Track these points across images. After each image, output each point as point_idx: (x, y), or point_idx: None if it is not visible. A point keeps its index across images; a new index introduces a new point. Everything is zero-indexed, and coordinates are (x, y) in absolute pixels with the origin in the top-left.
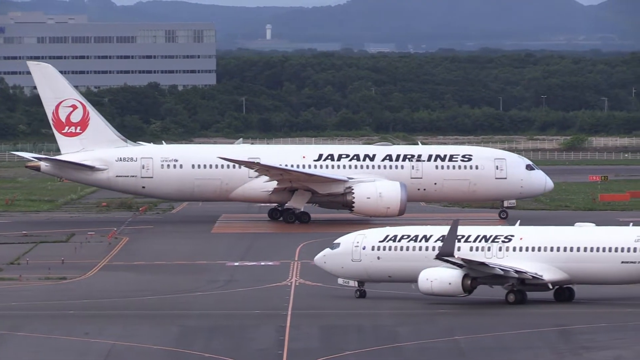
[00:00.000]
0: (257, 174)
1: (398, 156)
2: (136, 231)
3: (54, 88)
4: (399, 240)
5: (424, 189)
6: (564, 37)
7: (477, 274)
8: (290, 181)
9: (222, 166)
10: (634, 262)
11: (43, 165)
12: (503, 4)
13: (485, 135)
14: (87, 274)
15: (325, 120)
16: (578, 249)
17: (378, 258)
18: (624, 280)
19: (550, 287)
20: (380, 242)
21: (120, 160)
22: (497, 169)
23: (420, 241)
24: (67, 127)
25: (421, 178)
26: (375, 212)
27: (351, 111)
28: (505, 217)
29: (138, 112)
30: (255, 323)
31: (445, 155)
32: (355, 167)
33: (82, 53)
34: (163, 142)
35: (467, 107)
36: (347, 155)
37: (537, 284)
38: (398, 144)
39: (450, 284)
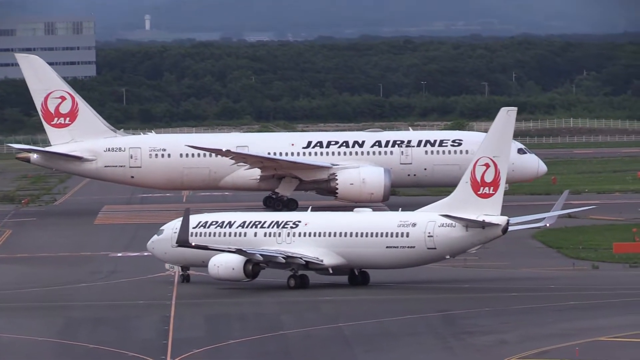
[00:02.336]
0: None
1: (387, 142)
2: (19, 224)
3: (42, 79)
4: (208, 227)
5: (414, 175)
6: (443, 22)
7: (269, 258)
8: (274, 168)
9: (211, 155)
10: (397, 247)
11: (33, 156)
12: None
13: (366, 122)
14: None
15: (205, 110)
16: (351, 234)
17: None
18: (391, 264)
19: (331, 271)
20: (193, 228)
21: (109, 150)
22: None
23: (225, 227)
24: (56, 119)
25: (411, 164)
26: (359, 198)
27: (231, 100)
28: None
29: (19, 105)
30: (140, 313)
31: (435, 141)
32: (345, 153)
33: None
34: (152, 131)
35: (347, 94)
36: (336, 142)
37: (318, 268)
38: (279, 132)
39: (233, 269)
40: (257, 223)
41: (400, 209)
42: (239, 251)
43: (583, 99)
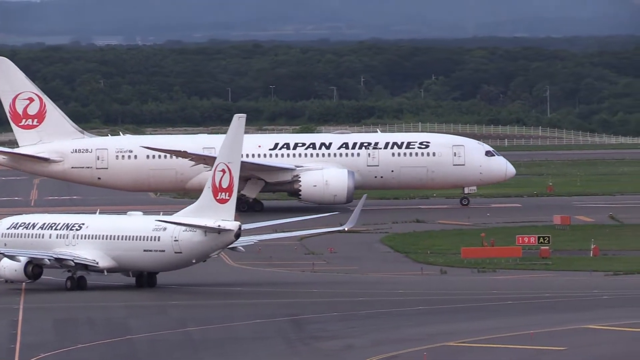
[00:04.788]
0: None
1: (354, 144)
2: None
3: (11, 81)
4: (17, 228)
5: (381, 177)
6: (291, 26)
7: (37, 260)
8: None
9: (177, 157)
10: (151, 251)
11: (0, 158)
12: None
13: (214, 126)
14: None
15: None
16: (117, 238)
17: (5, 245)
18: (151, 268)
19: (105, 273)
20: (7, 229)
21: (76, 151)
22: (455, 155)
23: (29, 229)
24: (24, 120)
25: (377, 166)
26: (322, 199)
27: (80, 104)
28: (467, 204)
29: None
30: None
31: (402, 143)
32: (312, 155)
33: None
34: (120, 132)
35: (196, 98)
36: (303, 144)
37: (95, 270)
38: (127, 135)
39: (16, 270)
40: (52, 225)
41: (161, 212)
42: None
43: (431, 104)
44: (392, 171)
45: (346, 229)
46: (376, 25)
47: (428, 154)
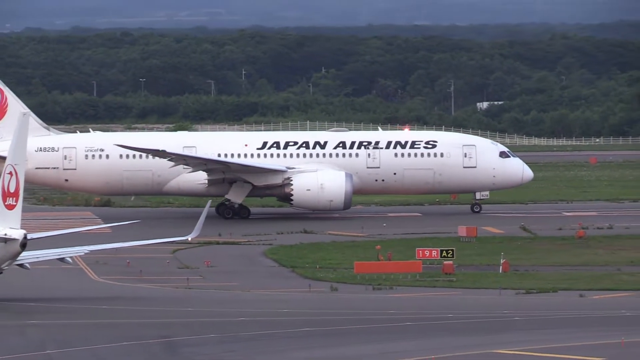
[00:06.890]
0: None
1: (353, 143)
2: None
3: None
4: None
5: (383, 180)
6: (164, 12)
7: None
8: (223, 172)
9: (154, 156)
10: None
11: None
12: None
13: (77, 124)
14: None
15: None
16: None
17: None
18: None
19: None
20: None
21: (41, 150)
22: (465, 156)
23: None
24: None
25: (379, 167)
26: (317, 205)
27: None
28: (479, 211)
29: None
30: None
31: (406, 142)
32: (304, 155)
33: None
34: (90, 129)
35: (57, 92)
36: (295, 143)
37: None
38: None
39: None
40: None
41: None
42: None
43: (321, 100)
44: (395, 174)
45: (189, 239)
46: (259, 12)
47: (435, 155)
